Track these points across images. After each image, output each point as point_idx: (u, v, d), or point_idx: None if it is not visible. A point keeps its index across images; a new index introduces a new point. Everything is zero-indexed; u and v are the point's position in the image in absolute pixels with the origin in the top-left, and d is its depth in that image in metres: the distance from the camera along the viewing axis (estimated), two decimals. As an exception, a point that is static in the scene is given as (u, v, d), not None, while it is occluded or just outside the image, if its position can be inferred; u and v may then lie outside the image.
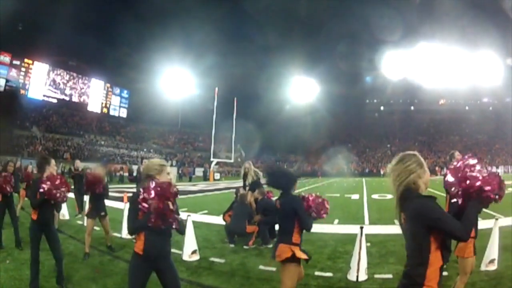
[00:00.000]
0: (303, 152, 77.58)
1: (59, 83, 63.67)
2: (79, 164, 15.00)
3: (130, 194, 10.58)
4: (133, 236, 6.21)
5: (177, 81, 66.57)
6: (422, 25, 58.81)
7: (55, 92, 63.06)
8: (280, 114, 72.32)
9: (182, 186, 32.06)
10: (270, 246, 9.42)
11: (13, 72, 57.28)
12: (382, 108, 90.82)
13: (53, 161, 6.25)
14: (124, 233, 10.16)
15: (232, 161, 53.69)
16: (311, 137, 76.37)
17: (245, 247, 9.28)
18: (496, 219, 7.15)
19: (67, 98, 64.96)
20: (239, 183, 10.44)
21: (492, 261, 6.67)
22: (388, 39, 62.88)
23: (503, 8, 49.40)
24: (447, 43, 62.35)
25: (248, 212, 9.99)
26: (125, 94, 75.42)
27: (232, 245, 9.47)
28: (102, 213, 8.73)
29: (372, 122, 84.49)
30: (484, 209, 6.76)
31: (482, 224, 9.86)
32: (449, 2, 54.68)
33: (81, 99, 67.44)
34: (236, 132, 50.02)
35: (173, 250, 8.64)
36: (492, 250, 6.72)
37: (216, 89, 47.69)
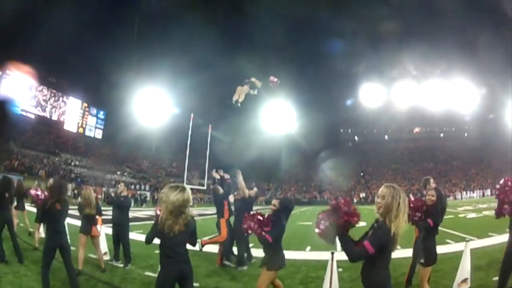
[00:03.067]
0: (276, 180, 77.61)
1: (38, 99, 62.80)
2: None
3: (106, 217, 10.66)
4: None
5: (153, 105, 66.19)
6: (396, 56, 59.59)
7: (33, 108, 62.00)
8: (255, 142, 72.22)
9: (153, 212, 31.85)
10: (245, 268, 9.56)
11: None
12: (356, 138, 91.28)
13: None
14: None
15: (204, 188, 53.18)
16: (285, 166, 76.58)
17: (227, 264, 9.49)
18: (467, 240, 7.45)
19: (45, 115, 63.68)
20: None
21: (464, 281, 6.92)
22: (362, 70, 63.59)
23: (477, 36, 50.53)
24: (421, 71, 63.18)
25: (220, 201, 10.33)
26: (101, 115, 74.83)
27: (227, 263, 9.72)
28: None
29: (346, 151, 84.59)
30: (456, 232, 7.53)
31: (455, 246, 10.18)
32: (422, 31, 55.77)
33: (58, 117, 66.32)
34: (209, 159, 49.87)
35: (149, 274, 8.78)
36: (464, 270, 6.99)
37: (192, 115, 47.53)
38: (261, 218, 5.79)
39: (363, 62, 59.82)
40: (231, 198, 10.91)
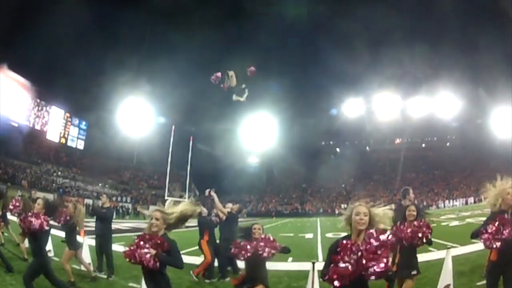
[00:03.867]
0: (257, 192, 77.35)
1: (22, 107, 61.41)
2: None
3: (88, 228, 10.62)
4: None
5: (135, 116, 65.50)
6: (377, 68, 59.78)
7: (17, 116, 60.68)
8: (235, 155, 71.92)
9: (135, 224, 31.80)
10: (228, 279, 9.54)
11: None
12: (338, 149, 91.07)
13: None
14: (83, 266, 10.16)
15: (186, 200, 52.83)
16: (266, 178, 76.65)
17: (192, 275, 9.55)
18: (448, 248, 7.57)
19: (28, 124, 62.55)
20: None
21: (447, 286, 7.09)
22: (343, 82, 63.91)
23: (458, 47, 51.02)
24: (402, 82, 63.45)
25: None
26: (83, 125, 73.88)
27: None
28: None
29: (328, 163, 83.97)
30: (439, 240, 7.68)
31: (438, 254, 10.34)
32: (403, 42, 56.01)
33: (41, 127, 64.98)
34: (191, 171, 49.73)
35: (132, 284, 8.75)
36: (446, 276, 7.15)
37: (173, 127, 47.38)
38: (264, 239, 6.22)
39: (344, 74, 59.92)
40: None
